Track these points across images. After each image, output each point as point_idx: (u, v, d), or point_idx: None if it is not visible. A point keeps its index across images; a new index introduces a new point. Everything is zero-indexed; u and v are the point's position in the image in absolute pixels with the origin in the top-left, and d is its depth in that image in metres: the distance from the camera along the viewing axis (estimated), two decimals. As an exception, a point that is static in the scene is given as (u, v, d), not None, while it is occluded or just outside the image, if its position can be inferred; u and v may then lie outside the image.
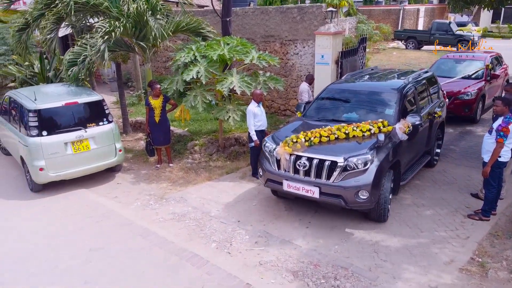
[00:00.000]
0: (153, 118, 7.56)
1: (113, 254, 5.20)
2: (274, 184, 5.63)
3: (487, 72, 10.15)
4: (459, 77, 10.14)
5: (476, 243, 5.12)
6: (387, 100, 6.24)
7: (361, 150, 5.23)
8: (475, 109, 9.80)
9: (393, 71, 8.05)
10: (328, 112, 6.52)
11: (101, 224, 5.97)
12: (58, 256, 5.18)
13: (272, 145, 5.70)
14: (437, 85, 7.86)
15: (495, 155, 5.28)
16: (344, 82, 7.08)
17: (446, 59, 11.31)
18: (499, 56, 11.69)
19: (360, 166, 5.07)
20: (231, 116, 7.11)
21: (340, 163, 5.08)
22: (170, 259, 5.02)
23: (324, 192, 5.15)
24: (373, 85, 6.98)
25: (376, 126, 5.59)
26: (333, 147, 5.38)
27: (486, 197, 5.61)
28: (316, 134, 5.51)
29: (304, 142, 5.41)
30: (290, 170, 5.39)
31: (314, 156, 5.24)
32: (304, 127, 6.04)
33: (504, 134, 5.14)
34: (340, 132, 5.54)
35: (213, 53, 7.05)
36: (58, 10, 7.47)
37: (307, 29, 9.53)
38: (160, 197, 6.75)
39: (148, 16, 6.99)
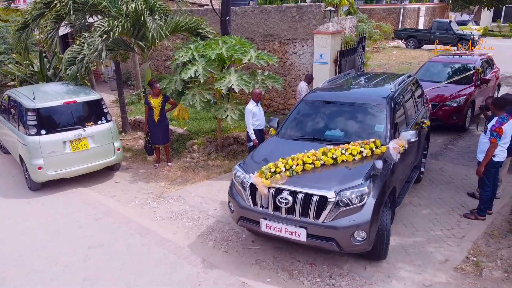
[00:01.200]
0: (152, 117, 7.60)
1: (112, 251, 5.24)
2: (249, 224, 4.67)
3: (477, 77, 9.60)
4: (447, 81, 9.65)
5: (472, 242, 5.14)
6: (376, 112, 5.38)
7: (354, 180, 4.35)
8: (464, 116, 9.21)
9: (374, 75, 7.31)
10: (307, 128, 5.62)
11: (100, 222, 6.01)
12: (57, 253, 5.23)
13: (244, 175, 4.71)
14: (421, 90, 7.39)
15: (488, 155, 5.31)
16: (322, 91, 6.18)
17: (434, 62, 10.73)
18: (490, 59, 11.17)
19: (355, 202, 4.18)
20: (229, 115, 7.14)
21: (331, 198, 4.17)
22: (168, 258, 5.06)
23: (313, 234, 4.27)
24: (358, 94, 6.12)
25: (368, 147, 4.78)
26: (320, 176, 4.53)
27: (481, 196, 5.64)
28: (299, 161, 4.57)
29: (285, 172, 4.50)
30: (269, 207, 4.44)
31: (298, 189, 4.32)
32: (280, 149, 5.11)
33: (497, 134, 5.17)
34: (327, 158, 4.66)
35: (211, 52, 7.08)
36: (57, 10, 7.51)
37: (306, 28, 9.55)
38: (158, 196, 6.79)
39: (146, 16, 7.01)
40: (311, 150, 4.73)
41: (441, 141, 8.96)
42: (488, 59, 10.87)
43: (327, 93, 6.09)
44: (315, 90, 6.35)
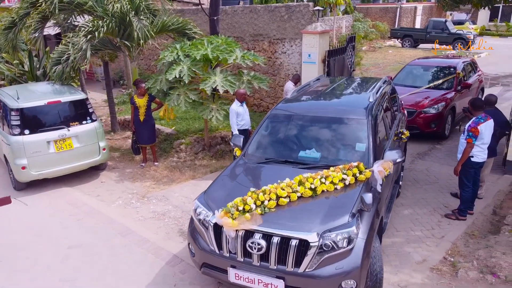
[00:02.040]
0: (138, 117, 7.59)
1: (92, 252, 5.24)
2: (215, 272, 3.95)
3: (457, 81, 9.11)
4: (425, 87, 9.18)
5: (450, 243, 5.15)
6: (355, 128, 4.74)
7: (340, 217, 3.67)
8: (443, 124, 8.64)
9: (348, 81, 6.69)
10: (278, 149, 4.91)
11: (82, 222, 6.01)
12: (38, 253, 5.23)
13: (206, 212, 3.97)
14: (397, 97, 6.94)
15: (465, 155, 5.31)
16: (292, 103, 5.45)
17: (414, 65, 10.21)
18: (473, 62, 10.72)
19: (342, 245, 3.51)
20: (214, 115, 7.14)
21: (313, 242, 3.47)
22: (147, 258, 5.06)
23: (292, 286, 3.60)
24: (333, 106, 5.34)
25: (351, 173, 4.13)
26: (298, 214, 3.81)
27: (461, 196, 5.64)
28: (271, 194, 3.86)
29: (255, 209, 3.76)
30: (238, 253, 3.71)
31: (273, 231, 3.59)
32: (248, 177, 4.52)
33: (473, 134, 5.17)
34: (305, 189, 3.96)
35: (196, 52, 7.07)
36: (43, 9, 7.49)
37: (295, 28, 9.54)
38: (142, 195, 6.79)
39: (131, 16, 7.00)
40: (286, 180, 4.04)
41: (428, 141, 8.94)
42: (471, 62, 10.48)
43: (297, 105, 5.41)
44: (284, 101, 5.57)
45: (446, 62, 9.93)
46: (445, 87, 9.12)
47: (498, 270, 4.38)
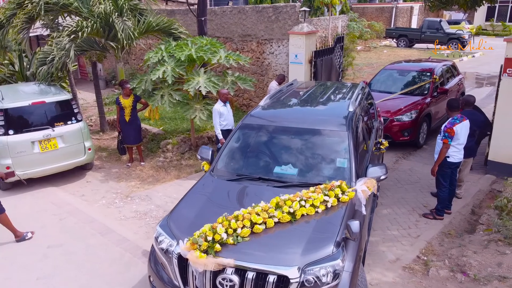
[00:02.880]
0: (124, 117, 7.65)
1: (71, 251, 5.30)
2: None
3: (434, 87, 8.63)
4: (399, 92, 8.65)
5: (425, 242, 5.21)
6: (335, 141, 4.39)
7: (323, 248, 3.27)
8: (417, 132, 8.18)
9: (324, 86, 6.28)
10: (250, 163, 4.51)
11: (64, 221, 6.07)
12: (17, 252, 5.29)
13: (170, 240, 3.52)
14: (374, 103, 6.69)
15: (441, 156, 5.37)
16: (264, 112, 5.04)
17: (389, 70, 9.73)
18: (453, 66, 10.17)
19: (326, 280, 3.13)
20: (197, 115, 7.19)
21: (293, 279, 3.07)
22: (124, 257, 5.11)
23: None
24: (310, 116, 4.92)
25: (333, 194, 3.75)
26: (275, 243, 3.36)
27: (438, 196, 5.70)
28: (245, 221, 3.42)
29: (227, 239, 3.31)
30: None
31: (247, 265, 3.15)
32: (218, 197, 4.06)
33: (449, 135, 5.22)
34: (282, 213, 3.53)
35: (180, 53, 7.13)
36: (29, 10, 7.54)
37: (282, 28, 9.59)
38: (126, 195, 6.85)
39: (115, 17, 7.05)
40: (261, 203, 3.62)
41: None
42: (451, 66, 9.97)
43: (270, 115, 4.98)
44: (256, 109, 5.11)
45: (422, 66, 9.48)
46: (420, 92, 8.63)
47: (468, 269, 4.44)
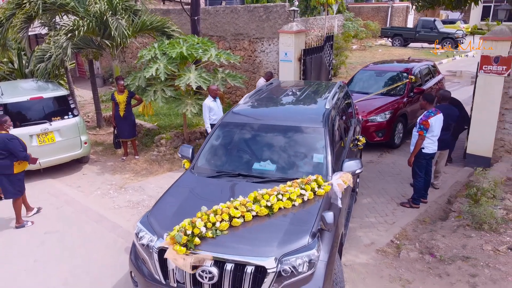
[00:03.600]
0: (118, 112, 7.97)
1: (67, 237, 5.63)
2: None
3: (410, 87, 8.62)
4: (375, 93, 8.64)
5: (400, 228, 5.53)
6: (311, 138, 4.53)
7: (299, 239, 3.39)
8: (391, 133, 8.15)
9: (304, 85, 6.46)
10: (230, 160, 4.62)
11: (61, 210, 6.40)
12: (15, 239, 5.61)
13: (150, 236, 3.59)
14: (352, 102, 6.85)
15: (417, 147, 5.69)
16: (243, 110, 5.18)
17: (366, 70, 9.78)
18: (433, 66, 10.18)
19: (302, 270, 3.25)
20: (188, 109, 7.52)
21: (271, 269, 3.18)
22: (117, 243, 5.44)
23: None
24: (287, 114, 5.14)
25: (309, 188, 3.88)
26: (253, 236, 3.49)
27: (414, 186, 6.03)
28: (223, 215, 3.54)
29: (206, 233, 3.41)
30: (187, 283, 3.36)
31: (226, 257, 3.27)
32: (198, 193, 4.14)
33: (424, 127, 5.54)
34: (260, 207, 3.65)
35: (172, 51, 7.45)
36: (27, 10, 7.86)
37: (273, 27, 9.91)
38: (120, 186, 7.18)
39: (108, 16, 7.37)
40: (239, 198, 3.76)
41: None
42: (430, 66, 9.99)
43: (250, 112, 5.11)
44: (236, 108, 5.28)
45: (399, 67, 9.49)
46: (396, 93, 8.63)
47: (436, 251, 4.76)
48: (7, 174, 5.62)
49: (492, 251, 4.56)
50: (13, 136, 5.71)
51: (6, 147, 5.51)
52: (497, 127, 6.97)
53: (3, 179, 5.64)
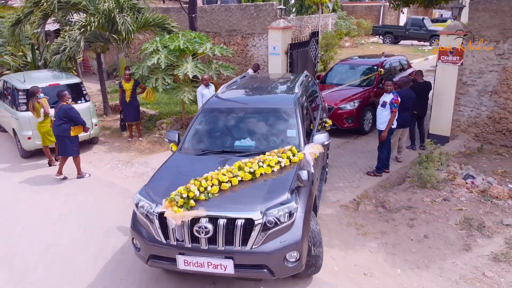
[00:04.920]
0: (125, 98, 9.04)
1: (83, 198, 6.71)
2: (163, 262, 4.04)
3: (378, 79, 9.43)
4: (346, 84, 9.49)
5: (363, 190, 6.61)
6: (284, 117, 5.14)
7: (279, 195, 3.97)
8: (360, 120, 8.97)
9: (275, 76, 7.16)
10: (213, 140, 5.16)
11: (75, 179, 7.47)
12: (41, 199, 6.70)
13: (149, 204, 4.04)
14: (318, 89, 7.50)
15: (390, 123, 6.73)
16: (223, 97, 5.79)
17: (341, 64, 10.73)
18: (405, 60, 10.95)
19: (284, 220, 3.80)
20: (186, 95, 8.60)
21: (257, 220, 3.72)
22: (126, 202, 6.52)
23: (241, 264, 3.82)
24: (262, 99, 5.90)
25: (285, 156, 4.49)
26: (240, 196, 4.08)
27: (379, 157, 7.09)
28: (213, 180, 4.07)
29: (199, 196, 3.94)
30: (186, 240, 3.84)
31: (218, 214, 3.79)
32: (188, 168, 4.69)
33: (397, 105, 6.60)
34: (244, 173, 4.22)
35: (171, 44, 8.52)
36: (44, 8, 8.93)
37: (262, 24, 10.99)
38: (127, 161, 8.26)
39: (116, 13, 8.44)
40: (225, 166, 4.31)
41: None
42: (401, 61, 10.76)
43: (228, 99, 5.74)
44: (215, 96, 5.90)
45: (370, 61, 10.33)
46: (366, 84, 9.48)
47: (387, 204, 5.85)
48: (67, 136, 7.17)
49: (430, 202, 5.65)
50: (72, 106, 7.30)
51: (67, 114, 7.07)
52: (453, 110, 8.05)
53: (65, 140, 7.21)
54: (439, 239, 4.98)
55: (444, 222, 5.23)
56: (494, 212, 5.23)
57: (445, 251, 4.78)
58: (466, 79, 7.79)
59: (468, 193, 5.71)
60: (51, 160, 8.02)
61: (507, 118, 7.47)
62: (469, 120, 7.96)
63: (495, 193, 5.48)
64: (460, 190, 5.78)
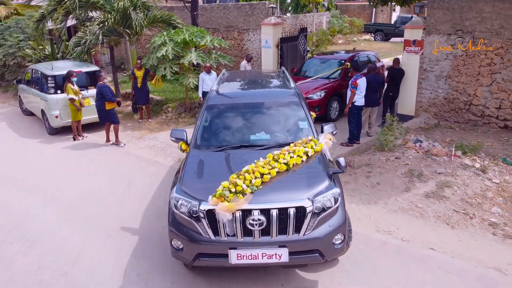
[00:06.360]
0: (136, 84, 10.48)
1: (104, 162, 8.16)
2: (212, 260, 4.04)
3: (345, 72, 10.23)
4: (314, 77, 10.27)
5: (336, 156, 8.04)
6: (293, 110, 5.33)
7: (321, 182, 4.16)
8: (326, 109, 9.78)
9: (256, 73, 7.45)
10: (227, 136, 5.15)
11: (97, 149, 8.93)
12: (72, 162, 8.15)
13: (191, 203, 4.03)
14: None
15: (350, 101, 8.17)
16: (225, 92, 5.95)
17: (313, 58, 11.64)
18: (373, 55, 11.70)
19: (330, 204, 4.02)
20: (190, 81, 10.04)
21: (309, 207, 3.88)
22: (141, 163, 7.97)
23: (295, 251, 3.94)
24: (266, 94, 6.07)
25: (310, 146, 4.67)
26: (282, 186, 4.18)
27: (349, 130, 8.53)
28: (256, 173, 4.16)
29: (246, 189, 3.99)
30: (238, 233, 3.90)
31: (270, 206, 3.87)
32: (215, 164, 4.71)
33: (354, 86, 8.04)
34: (280, 164, 4.34)
35: (177, 37, 9.96)
36: (66, 6, 10.36)
37: (256, 20, 12.42)
38: (139, 137, 9.71)
39: (131, 11, 9.88)
40: (260, 159, 4.41)
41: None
42: (369, 56, 11.63)
43: (231, 95, 5.93)
44: (216, 93, 5.88)
45: (339, 56, 11.29)
46: (334, 77, 10.38)
47: (352, 163, 7.29)
48: (103, 109, 8.79)
49: (385, 160, 7.10)
50: (106, 85, 8.78)
51: (100, 91, 8.60)
52: (417, 93, 9.49)
53: (102, 112, 8.85)
54: (388, 184, 6.43)
55: (393, 173, 6.68)
56: (431, 165, 6.68)
57: (391, 193, 6.22)
58: (426, 66, 9.23)
59: (415, 153, 7.16)
60: (75, 135, 9.47)
61: (458, 98, 8.91)
62: (429, 101, 9.40)
63: (435, 152, 6.93)
64: (410, 151, 7.23)
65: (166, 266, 4.76)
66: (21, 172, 7.77)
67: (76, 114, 9.29)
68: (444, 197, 5.90)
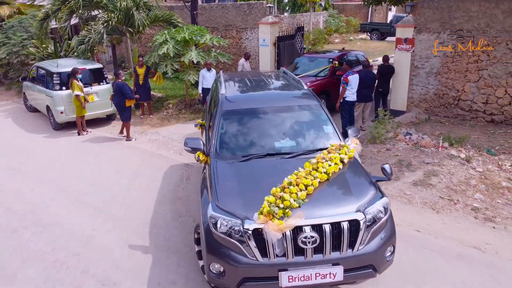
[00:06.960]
0: (138, 81, 10.84)
1: (110, 154, 8.53)
2: (260, 284, 3.64)
3: (332, 70, 10.39)
4: (303, 75, 10.29)
5: (330, 148, 8.44)
6: (314, 114, 4.98)
7: (366, 192, 3.88)
8: None
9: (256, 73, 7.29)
10: (250, 144, 4.77)
11: (102, 143, 9.30)
12: (77, 157, 8.51)
13: (232, 221, 3.63)
14: None
15: (341, 96, 8.57)
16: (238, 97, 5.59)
17: (302, 57, 11.77)
18: (361, 55, 11.88)
19: (382, 215, 3.75)
20: (191, 77, 10.42)
21: (361, 220, 3.59)
22: (145, 157, 8.34)
23: (349, 268, 3.63)
24: (282, 97, 5.57)
25: (343, 152, 4.37)
26: (327, 197, 3.86)
27: (342, 124, 8.92)
28: (301, 185, 3.81)
29: (293, 203, 3.65)
30: (288, 253, 3.55)
31: (322, 221, 3.55)
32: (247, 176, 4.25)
33: (345, 82, 8.44)
34: (321, 173, 4.00)
35: (177, 36, 10.33)
36: (71, 6, 10.72)
37: (254, 20, 12.81)
38: (141, 132, 10.08)
39: (134, 10, 10.25)
40: (299, 169, 4.04)
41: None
42: (358, 55, 11.79)
43: (247, 98, 5.56)
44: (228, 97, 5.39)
45: (328, 55, 11.36)
46: (321, 75, 10.52)
47: (345, 155, 7.67)
48: (122, 106, 9.09)
49: (376, 152, 7.50)
50: (124, 82, 9.16)
51: (119, 89, 8.93)
52: (408, 89, 9.90)
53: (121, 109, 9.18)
54: (378, 174, 6.81)
55: (383, 163, 7.04)
56: (420, 156, 7.09)
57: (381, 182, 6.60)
58: (417, 63, 9.64)
59: (405, 145, 7.57)
60: (80, 130, 9.83)
61: (447, 94, 9.32)
62: (420, 97, 9.81)
63: (424, 143, 7.34)
64: (400, 144, 7.64)
65: (171, 246, 5.14)
66: (31, 164, 8.14)
67: (80, 110, 9.64)
68: (431, 185, 6.31)
